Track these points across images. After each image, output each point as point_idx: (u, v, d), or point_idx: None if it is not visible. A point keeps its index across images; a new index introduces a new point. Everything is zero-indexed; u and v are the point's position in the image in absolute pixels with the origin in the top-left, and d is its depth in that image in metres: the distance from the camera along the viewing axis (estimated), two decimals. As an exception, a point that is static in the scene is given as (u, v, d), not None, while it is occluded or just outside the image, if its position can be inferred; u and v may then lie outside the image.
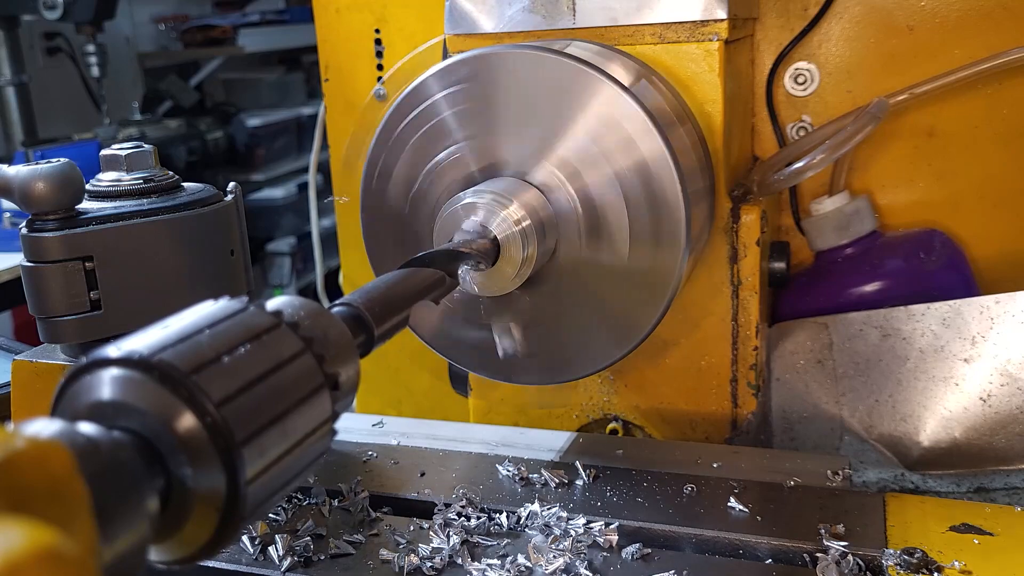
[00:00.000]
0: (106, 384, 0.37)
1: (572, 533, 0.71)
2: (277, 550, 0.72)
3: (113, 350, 0.37)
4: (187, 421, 0.36)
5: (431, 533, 0.73)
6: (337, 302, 0.52)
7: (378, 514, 0.78)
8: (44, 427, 0.33)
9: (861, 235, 1.04)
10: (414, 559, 0.70)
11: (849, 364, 0.99)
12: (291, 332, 0.43)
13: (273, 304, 0.45)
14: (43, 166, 0.72)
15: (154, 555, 0.38)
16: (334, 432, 0.44)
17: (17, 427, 0.32)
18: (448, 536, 0.72)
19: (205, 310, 0.42)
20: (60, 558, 0.25)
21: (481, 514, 0.75)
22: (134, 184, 0.78)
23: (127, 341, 0.38)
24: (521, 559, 0.69)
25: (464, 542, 0.72)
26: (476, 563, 0.69)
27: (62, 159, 0.74)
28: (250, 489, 0.37)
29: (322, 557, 0.72)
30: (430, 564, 0.69)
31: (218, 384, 0.37)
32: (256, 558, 0.72)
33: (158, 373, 0.36)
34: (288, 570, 0.70)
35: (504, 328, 0.77)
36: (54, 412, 0.38)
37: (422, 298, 0.60)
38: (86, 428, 0.34)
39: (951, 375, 0.95)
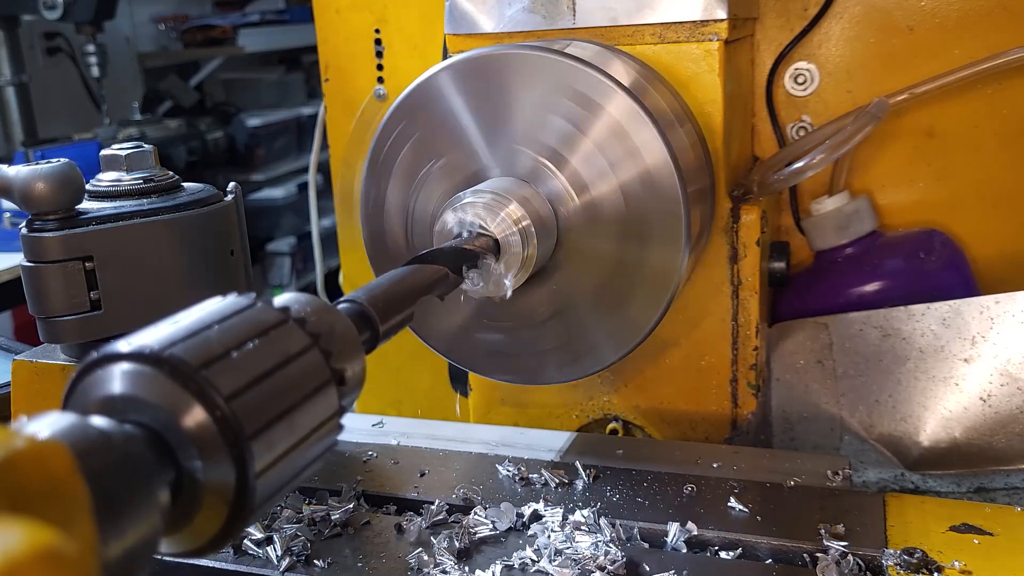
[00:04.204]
0: (117, 379, 0.37)
1: (574, 534, 0.71)
2: (276, 550, 0.72)
3: (124, 345, 0.37)
4: (197, 415, 0.37)
5: (430, 533, 0.73)
6: (342, 299, 0.52)
7: (377, 514, 0.78)
8: (49, 424, 0.33)
9: (861, 235, 1.04)
10: (413, 559, 0.70)
11: (849, 364, 0.99)
12: (298, 328, 0.43)
13: (280, 300, 0.45)
14: (43, 166, 0.72)
15: (164, 547, 0.38)
16: (341, 427, 0.45)
17: (17, 426, 0.32)
18: (448, 536, 0.72)
19: (214, 306, 0.42)
20: (59, 558, 0.25)
21: (481, 514, 0.75)
22: (134, 184, 0.78)
23: (137, 336, 0.38)
24: (521, 559, 0.69)
25: (464, 542, 0.72)
26: (475, 563, 0.69)
27: (62, 159, 0.74)
28: (259, 482, 0.38)
29: (321, 557, 0.72)
30: (429, 564, 0.69)
31: (227, 378, 0.38)
32: (255, 557, 0.72)
33: (168, 368, 0.37)
34: (287, 570, 0.70)
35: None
36: (65, 407, 0.38)
37: (426, 295, 0.60)
38: (97, 422, 0.35)
39: (951, 375, 0.95)
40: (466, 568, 0.69)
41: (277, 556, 0.71)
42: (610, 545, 0.69)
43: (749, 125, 1.06)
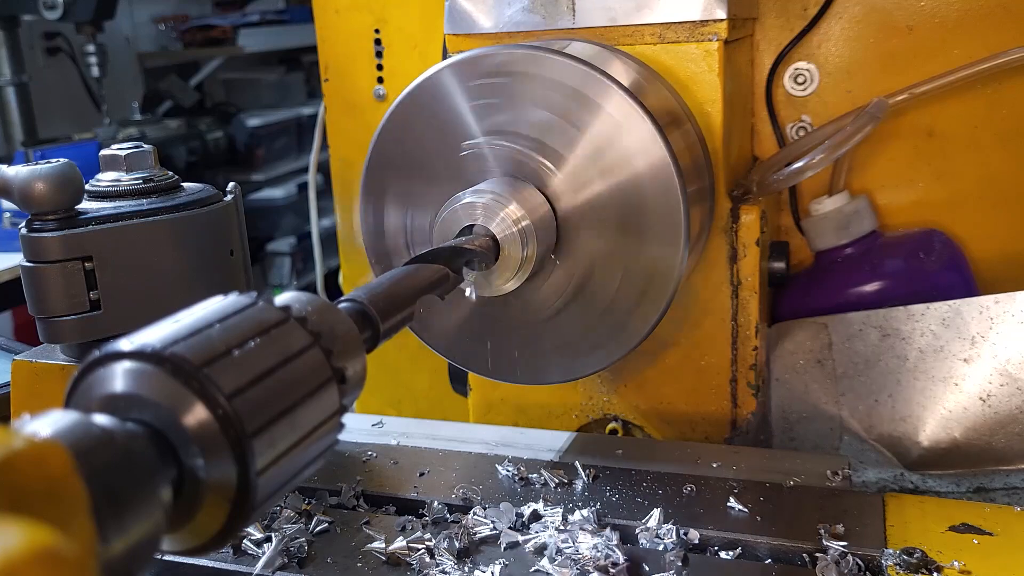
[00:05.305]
0: (119, 377, 0.37)
1: (574, 534, 0.71)
2: (271, 548, 0.71)
3: (126, 343, 0.38)
4: (199, 413, 0.37)
5: (429, 533, 0.73)
6: (343, 298, 0.52)
7: (377, 514, 0.78)
8: (51, 423, 0.33)
9: (861, 235, 1.04)
10: (410, 559, 0.70)
11: (849, 364, 0.99)
12: (299, 327, 0.44)
13: (281, 299, 0.45)
14: (43, 166, 0.72)
15: (166, 545, 0.38)
16: (342, 425, 0.45)
17: (17, 426, 0.32)
18: (447, 536, 0.72)
19: (215, 305, 0.42)
20: (58, 558, 0.25)
21: (480, 514, 0.75)
22: (134, 184, 0.78)
23: (139, 335, 0.38)
24: (521, 559, 0.69)
25: (463, 542, 0.72)
26: (475, 563, 0.69)
27: (62, 159, 0.74)
28: (260, 480, 0.38)
29: (319, 557, 0.72)
30: (429, 564, 0.69)
31: (229, 377, 0.38)
32: (255, 557, 0.72)
33: (170, 366, 0.37)
34: (280, 568, 0.70)
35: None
36: (67, 405, 0.38)
37: (426, 294, 0.60)
38: (99, 420, 0.35)
39: (951, 375, 0.95)
40: (466, 568, 0.69)
41: (271, 555, 0.71)
42: (610, 545, 0.69)
43: (749, 125, 1.06)
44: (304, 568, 0.71)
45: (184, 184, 0.82)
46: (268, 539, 0.72)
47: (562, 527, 0.72)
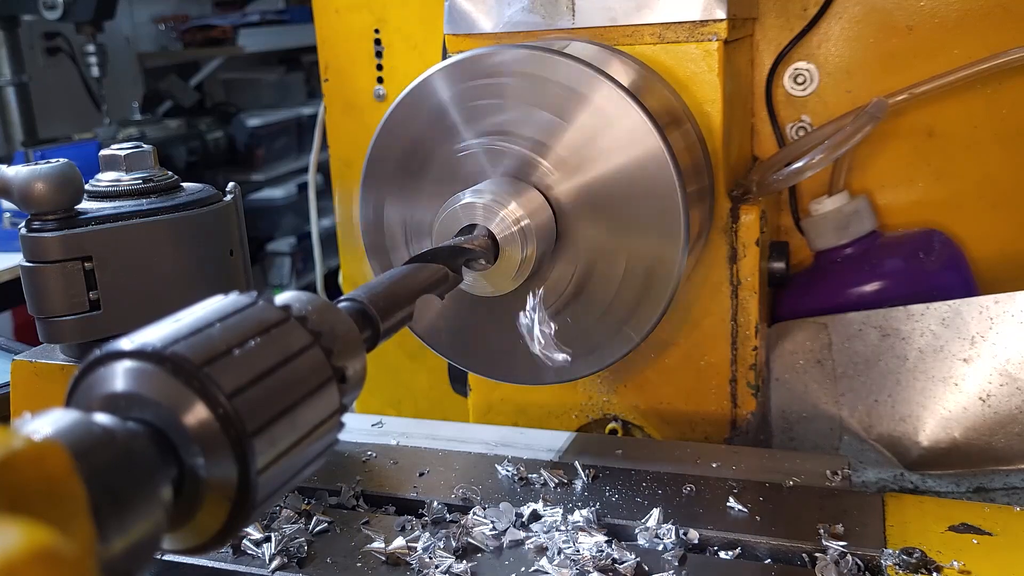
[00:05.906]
0: (120, 376, 0.37)
1: (574, 534, 0.71)
2: (270, 548, 0.71)
3: (127, 342, 0.38)
4: (199, 412, 0.37)
5: (428, 533, 0.73)
6: (343, 297, 0.53)
7: (377, 514, 0.78)
8: (52, 422, 0.33)
9: (861, 235, 1.04)
10: (409, 559, 0.70)
11: (848, 364, 0.99)
12: (300, 326, 0.44)
13: (282, 299, 0.45)
14: (43, 166, 0.72)
15: (167, 544, 0.38)
16: (342, 425, 0.45)
17: (16, 425, 0.32)
18: (446, 536, 0.72)
19: (216, 304, 0.42)
20: (56, 558, 0.25)
21: (480, 514, 0.75)
22: (133, 184, 0.78)
23: (140, 334, 0.38)
24: (520, 559, 0.69)
25: (463, 542, 0.72)
26: (475, 563, 0.69)
27: (62, 159, 0.74)
28: (261, 479, 0.38)
29: (319, 557, 0.72)
30: (426, 564, 0.69)
31: (229, 376, 0.38)
32: (254, 557, 0.72)
33: (171, 365, 0.37)
34: (280, 568, 0.70)
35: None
36: (68, 404, 0.38)
37: (426, 293, 0.60)
38: (100, 419, 0.35)
39: (950, 375, 0.95)
40: (466, 568, 0.69)
41: (270, 555, 0.71)
42: (610, 545, 0.69)
43: (748, 125, 1.06)
44: (304, 568, 0.71)
45: (184, 184, 0.82)
46: (268, 539, 0.72)
47: (562, 527, 0.72)
